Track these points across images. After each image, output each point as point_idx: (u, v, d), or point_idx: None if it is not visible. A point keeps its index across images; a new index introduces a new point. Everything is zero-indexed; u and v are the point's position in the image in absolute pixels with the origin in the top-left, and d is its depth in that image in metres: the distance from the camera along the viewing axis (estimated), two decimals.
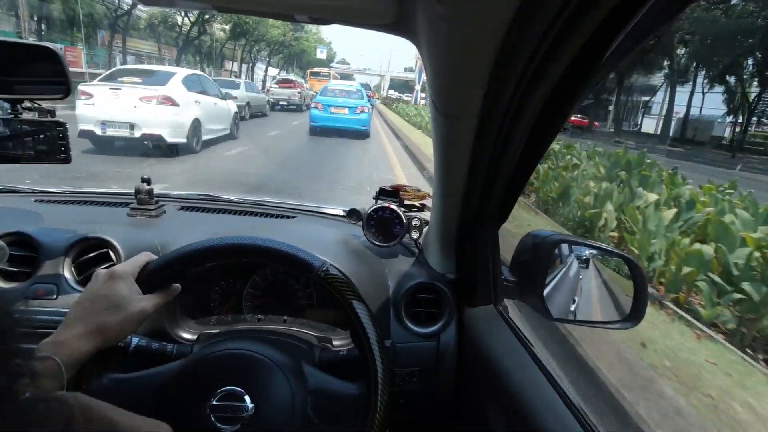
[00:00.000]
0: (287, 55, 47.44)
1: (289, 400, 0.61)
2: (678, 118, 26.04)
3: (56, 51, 0.78)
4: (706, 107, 25.97)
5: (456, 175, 0.68)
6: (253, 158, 7.86)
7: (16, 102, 0.78)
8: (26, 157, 0.81)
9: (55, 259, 0.85)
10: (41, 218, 0.97)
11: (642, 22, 0.38)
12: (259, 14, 0.60)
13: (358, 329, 0.62)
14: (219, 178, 5.80)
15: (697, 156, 17.12)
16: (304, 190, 5.36)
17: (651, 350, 2.23)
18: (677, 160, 6.82)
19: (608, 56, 0.43)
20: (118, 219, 1.03)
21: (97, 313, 0.55)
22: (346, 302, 0.62)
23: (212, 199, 1.20)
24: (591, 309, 0.80)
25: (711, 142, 25.69)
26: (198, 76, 8.27)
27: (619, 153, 6.28)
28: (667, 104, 25.10)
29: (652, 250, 3.40)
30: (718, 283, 2.84)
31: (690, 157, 15.17)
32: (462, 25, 0.41)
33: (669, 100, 24.69)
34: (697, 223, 3.83)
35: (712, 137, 26.86)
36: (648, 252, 3.40)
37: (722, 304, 2.72)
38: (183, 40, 28.75)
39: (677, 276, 3.03)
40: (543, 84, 0.48)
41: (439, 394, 0.85)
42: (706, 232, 3.57)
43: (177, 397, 0.62)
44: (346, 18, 0.54)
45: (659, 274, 3.26)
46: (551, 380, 0.62)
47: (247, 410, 0.60)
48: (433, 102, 0.58)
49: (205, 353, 0.65)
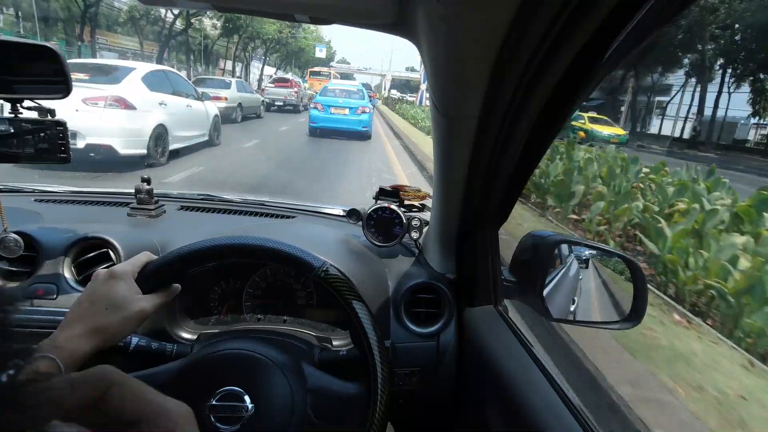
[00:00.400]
0: (284, 54, 45.99)
1: (289, 400, 0.61)
2: (700, 119, 24.27)
3: (56, 51, 0.78)
4: (721, 107, 24.05)
5: (456, 175, 0.68)
6: (209, 186, 5.47)
7: (16, 101, 0.78)
8: (26, 157, 0.81)
9: (55, 259, 0.85)
10: (41, 218, 0.97)
11: (642, 22, 0.38)
12: (259, 14, 0.60)
13: (358, 329, 0.62)
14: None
15: (734, 163, 15.53)
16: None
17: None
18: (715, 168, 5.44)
19: (608, 56, 0.43)
20: (118, 219, 1.03)
21: (97, 313, 0.55)
22: (346, 302, 0.62)
23: (212, 199, 1.20)
24: (591, 309, 0.80)
25: (736, 145, 24.06)
26: (165, 72, 6.88)
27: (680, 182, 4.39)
28: (695, 105, 23.37)
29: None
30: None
31: (729, 165, 13.40)
32: (462, 25, 0.41)
33: (699, 101, 23.04)
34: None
35: (735, 140, 25.33)
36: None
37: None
38: (167, 36, 26.64)
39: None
40: (543, 84, 0.48)
41: (439, 394, 0.85)
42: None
43: (176, 397, 0.62)
44: (346, 18, 0.54)
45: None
46: (551, 380, 0.62)
47: (246, 410, 0.60)
48: (434, 102, 0.58)
49: (205, 353, 0.65)
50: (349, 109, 10.87)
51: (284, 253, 0.63)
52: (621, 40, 0.41)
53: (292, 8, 0.53)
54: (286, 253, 0.63)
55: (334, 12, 0.53)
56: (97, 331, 0.54)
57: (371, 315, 0.63)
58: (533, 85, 0.49)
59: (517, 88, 0.50)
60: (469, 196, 0.71)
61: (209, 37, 32.31)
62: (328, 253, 0.81)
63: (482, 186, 0.69)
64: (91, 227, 0.89)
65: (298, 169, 7.10)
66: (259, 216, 1.13)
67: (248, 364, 0.64)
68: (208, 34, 32.07)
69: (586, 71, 0.46)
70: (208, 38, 32.39)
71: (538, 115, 0.53)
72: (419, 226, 0.93)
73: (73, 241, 0.86)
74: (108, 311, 0.55)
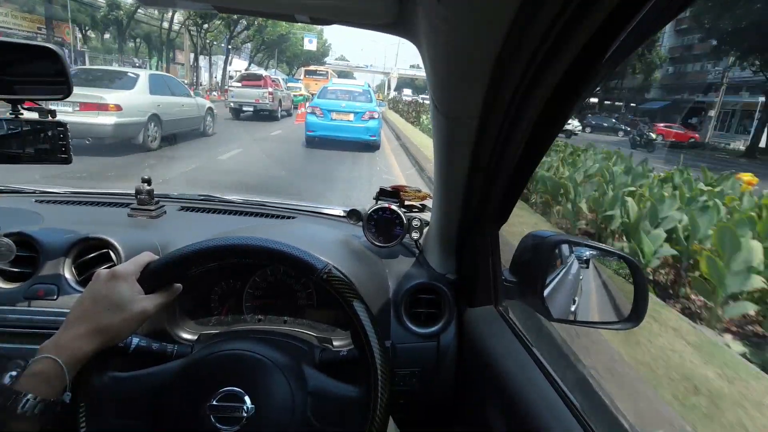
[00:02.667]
0: (260, 43, 34.48)
1: (289, 402, 0.61)
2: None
3: (57, 51, 0.78)
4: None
5: (456, 176, 0.68)
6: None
7: (16, 102, 0.78)
8: (27, 157, 0.81)
9: (56, 260, 0.85)
10: (42, 218, 0.98)
11: (643, 21, 0.38)
12: (259, 14, 0.60)
13: (359, 330, 0.62)
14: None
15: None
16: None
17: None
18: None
19: (609, 56, 0.43)
20: (118, 219, 1.03)
21: (98, 313, 0.55)
22: (347, 303, 0.62)
23: (212, 200, 1.20)
24: (591, 309, 0.80)
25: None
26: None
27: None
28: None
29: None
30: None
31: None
32: (462, 25, 0.41)
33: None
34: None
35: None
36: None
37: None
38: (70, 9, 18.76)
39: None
40: (543, 84, 0.48)
41: (439, 394, 0.85)
42: None
43: (177, 397, 0.62)
44: (346, 18, 0.55)
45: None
46: (551, 380, 0.62)
47: (246, 411, 0.60)
48: (434, 102, 0.58)
49: (205, 353, 0.65)
50: (354, 114, 8.97)
51: (287, 255, 0.63)
52: (621, 40, 0.41)
53: (292, 8, 0.53)
54: (288, 255, 0.63)
55: (334, 12, 0.53)
56: (99, 331, 0.54)
57: (372, 316, 0.63)
58: (533, 85, 0.49)
59: (517, 88, 0.50)
60: (469, 196, 0.71)
61: (150, 18, 25.75)
62: (329, 253, 0.81)
63: (482, 186, 0.69)
64: (91, 228, 0.89)
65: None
66: (260, 216, 1.13)
67: (248, 365, 0.64)
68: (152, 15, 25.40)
69: (586, 71, 0.46)
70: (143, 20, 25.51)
71: (538, 115, 0.53)
72: (420, 226, 0.93)
73: (74, 241, 0.86)
74: (110, 311, 0.55)
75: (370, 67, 58.91)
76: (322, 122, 8.89)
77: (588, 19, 0.39)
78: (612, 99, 31.91)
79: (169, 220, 1.06)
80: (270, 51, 38.36)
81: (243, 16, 27.02)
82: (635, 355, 2.18)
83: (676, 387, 1.97)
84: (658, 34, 9.95)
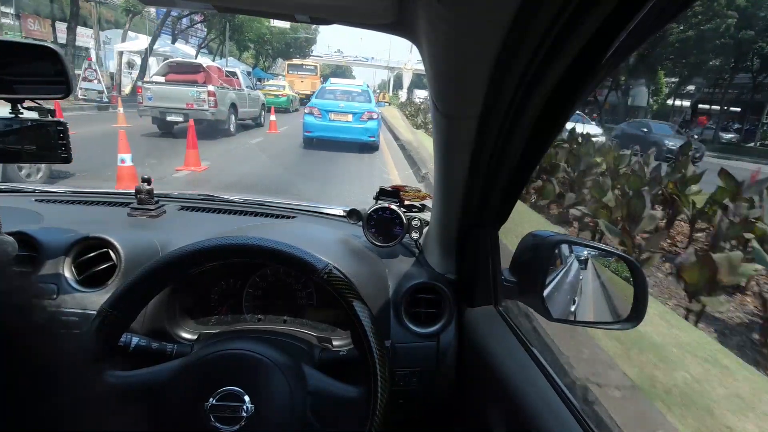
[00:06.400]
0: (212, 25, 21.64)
1: (289, 401, 0.61)
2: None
3: (57, 51, 0.78)
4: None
5: (456, 176, 0.68)
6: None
7: (16, 101, 0.78)
8: (27, 156, 0.81)
9: (56, 259, 0.85)
10: (42, 218, 0.98)
11: (643, 21, 0.38)
12: (259, 14, 0.60)
13: (359, 330, 0.62)
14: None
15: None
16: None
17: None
18: None
19: (609, 56, 0.43)
20: (118, 219, 1.03)
21: None
22: (347, 303, 0.62)
23: (212, 199, 1.20)
24: (591, 309, 0.80)
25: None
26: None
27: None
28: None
29: None
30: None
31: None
32: (462, 25, 0.41)
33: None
34: None
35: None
36: None
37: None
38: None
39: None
40: (544, 84, 0.48)
41: (439, 394, 0.85)
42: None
43: (176, 396, 0.62)
44: (346, 18, 0.54)
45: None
46: (551, 380, 0.62)
47: (246, 410, 0.60)
48: (434, 102, 0.58)
49: (205, 353, 0.65)
50: (353, 115, 8.91)
51: (287, 254, 0.63)
52: (621, 40, 0.41)
53: (292, 8, 0.53)
54: (289, 254, 0.63)
55: (334, 12, 0.53)
56: None
57: (372, 316, 0.63)
58: (533, 85, 0.49)
59: (517, 88, 0.50)
60: (469, 196, 0.71)
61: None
62: (329, 253, 0.81)
63: (482, 186, 0.69)
64: (91, 227, 0.89)
65: None
66: (260, 216, 1.13)
67: (248, 365, 0.64)
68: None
69: (586, 71, 0.46)
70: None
71: (538, 115, 0.53)
72: (419, 226, 0.93)
73: (74, 241, 0.86)
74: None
75: (372, 60, 47.18)
76: (320, 123, 8.87)
77: (587, 19, 0.39)
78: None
79: (168, 220, 1.06)
80: (219, 30, 23.55)
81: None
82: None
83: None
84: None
